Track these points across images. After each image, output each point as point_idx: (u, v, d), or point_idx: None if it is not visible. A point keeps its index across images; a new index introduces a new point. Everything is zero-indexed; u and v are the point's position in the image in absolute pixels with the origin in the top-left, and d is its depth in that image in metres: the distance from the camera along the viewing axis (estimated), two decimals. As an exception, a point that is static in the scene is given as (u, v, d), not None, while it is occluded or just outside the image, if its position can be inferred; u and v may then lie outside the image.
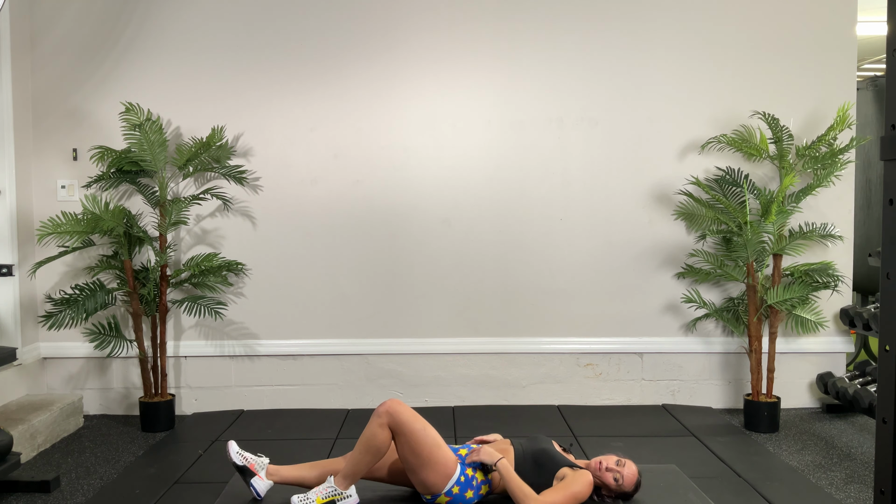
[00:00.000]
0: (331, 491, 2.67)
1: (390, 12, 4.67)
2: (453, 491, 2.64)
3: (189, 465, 3.78)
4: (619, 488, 2.71)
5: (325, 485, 2.69)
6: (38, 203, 4.62)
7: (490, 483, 2.73)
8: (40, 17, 4.61)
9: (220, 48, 4.65)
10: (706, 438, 4.12)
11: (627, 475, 2.71)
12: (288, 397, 4.78)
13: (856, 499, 3.36)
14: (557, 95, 4.71)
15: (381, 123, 4.70)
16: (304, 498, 2.64)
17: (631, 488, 2.73)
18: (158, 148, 4.30)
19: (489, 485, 2.73)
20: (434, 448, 2.64)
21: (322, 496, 2.66)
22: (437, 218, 4.74)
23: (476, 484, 2.69)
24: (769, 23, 4.69)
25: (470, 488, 2.67)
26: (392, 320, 4.78)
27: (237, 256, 4.68)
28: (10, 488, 3.48)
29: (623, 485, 2.70)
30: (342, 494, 2.68)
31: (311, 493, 2.66)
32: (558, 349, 4.79)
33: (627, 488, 2.72)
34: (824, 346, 4.79)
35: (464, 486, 2.66)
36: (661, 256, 4.76)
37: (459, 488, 2.65)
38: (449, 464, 2.65)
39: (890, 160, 1.55)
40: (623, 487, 2.71)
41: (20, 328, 4.45)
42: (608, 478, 2.70)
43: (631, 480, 2.72)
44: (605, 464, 2.72)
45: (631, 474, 2.72)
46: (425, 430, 2.64)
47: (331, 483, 2.69)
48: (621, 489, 2.71)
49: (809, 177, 4.57)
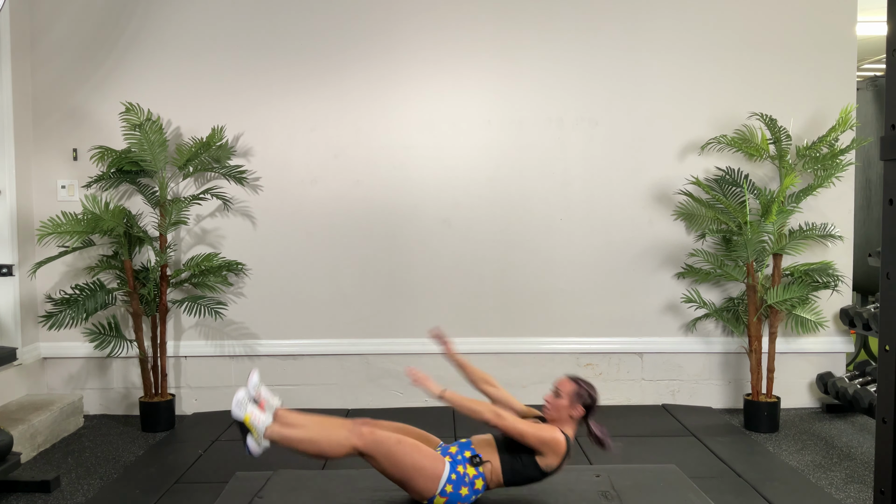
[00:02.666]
0: (260, 426, 2.63)
1: (390, 12, 4.67)
2: (447, 490, 2.61)
3: (189, 465, 3.78)
4: (574, 405, 2.70)
5: (266, 418, 2.66)
6: (38, 203, 4.62)
7: (483, 476, 2.68)
8: (40, 17, 4.61)
9: (221, 48, 4.65)
10: (706, 438, 4.12)
11: (561, 385, 2.73)
12: (288, 397, 4.77)
13: (856, 499, 3.36)
14: (557, 95, 4.71)
15: (381, 123, 4.70)
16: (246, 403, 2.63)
17: (571, 392, 2.71)
18: (158, 148, 4.30)
19: (483, 478, 2.68)
20: (414, 456, 2.60)
21: (254, 418, 2.63)
22: (437, 218, 4.74)
23: (469, 480, 2.64)
24: (769, 23, 4.69)
25: (463, 485, 2.63)
26: (392, 320, 4.77)
27: (237, 256, 4.68)
28: (10, 488, 3.48)
29: (561, 393, 2.70)
30: (259, 438, 2.64)
31: (254, 407, 2.64)
32: (558, 349, 4.79)
33: (567, 396, 2.70)
34: (824, 346, 4.79)
35: (457, 484, 2.62)
36: (661, 256, 4.76)
37: (452, 487, 2.62)
38: (436, 465, 2.61)
39: (890, 160, 1.55)
40: (568, 401, 2.70)
41: (20, 328, 4.45)
42: (554, 402, 2.71)
43: (567, 385, 2.72)
44: (547, 400, 2.74)
45: (563, 383, 2.73)
46: (400, 444, 2.60)
47: (270, 422, 2.65)
48: (574, 404, 2.70)
49: (810, 177, 4.57)
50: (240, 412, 2.65)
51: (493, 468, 2.68)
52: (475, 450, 2.71)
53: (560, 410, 2.73)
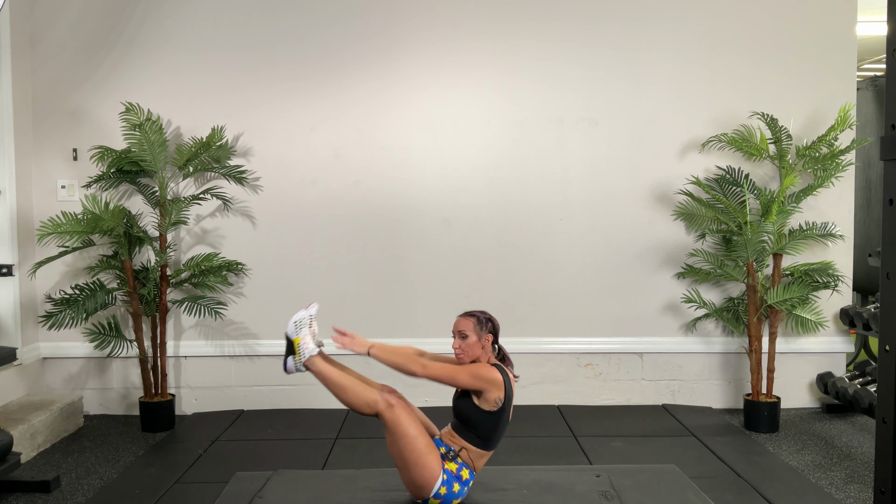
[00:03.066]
0: (307, 352, 2.74)
1: (390, 12, 4.67)
2: (441, 492, 2.66)
3: (189, 465, 3.78)
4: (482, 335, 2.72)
5: (313, 348, 2.76)
6: (38, 203, 4.62)
7: (465, 465, 2.71)
8: (40, 17, 4.61)
9: (221, 48, 4.65)
10: (706, 438, 4.12)
11: (458, 325, 2.77)
12: (288, 397, 4.78)
13: (856, 499, 3.36)
14: (557, 95, 4.71)
15: (381, 123, 4.70)
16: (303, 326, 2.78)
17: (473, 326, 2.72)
18: (158, 148, 4.30)
19: (465, 467, 2.71)
20: (422, 454, 2.63)
21: (303, 343, 2.75)
22: (437, 218, 4.74)
23: (456, 474, 2.69)
24: (769, 23, 4.69)
25: (454, 481, 2.68)
26: (392, 320, 4.77)
27: (237, 256, 4.68)
28: (10, 488, 3.48)
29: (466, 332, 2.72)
30: (300, 363, 2.75)
31: (307, 332, 2.78)
32: (558, 349, 4.79)
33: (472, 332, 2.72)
34: (824, 346, 4.78)
35: (448, 483, 2.67)
36: (661, 256, 4.76)
37: (446, 487, 2.66)
38: (435, 470, 2.65)
39: (890, 160, 1.55)
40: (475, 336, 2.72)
41: (20, 328, 4.45)
42: (462, 344, 2.74)
43: (464, 323, 2.74)
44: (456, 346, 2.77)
45: (459, 323, 2.77)
46: (416, 438, 2.64)
47: (315, 353, 2.75)
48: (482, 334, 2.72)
49: (810, 177, 4.57)
50: (295, 332, 2.76)
51: (468, 450, 2.71)
52: (447, 445, 2.73)
53: (473, 348, 2.74)
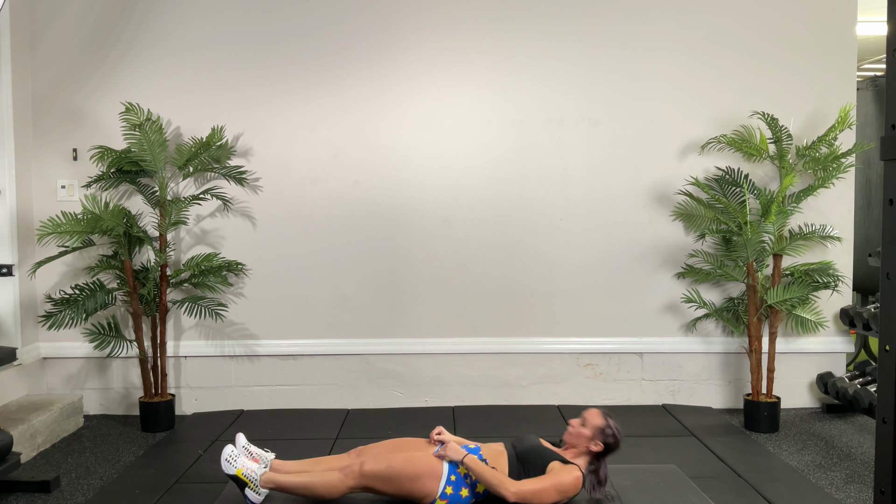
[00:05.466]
0: (254, 475, 2.70)
1: (390, 12, 4.67)
2: (447, 492, 2.63)
3: (189, 465, 3.78)
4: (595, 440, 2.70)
5: (259, 466, 2.74)
6: (38, 203, 4.62)
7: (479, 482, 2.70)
8: (40, 17, 4.61)
9: (220, 48, 4.65)
10: (706, 438, 4.12)
11: (589, 415, 2.75)
12: (288, 397, 4.78)
13: (856, 499, 3.36)
14: (557, 95, 4.71)
15: (381, 123, 4.70)
16: (236, 457, 2.72)
17: (600, 425, 2.71)
18: (158, 148, 4.30)
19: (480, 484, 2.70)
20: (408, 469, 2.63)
21: (246, 470, 2.70)
22: (437, 218, 4.74)
23: (470, 481, 2.67)
24: (769, 22, 4.69)
25: (464, 486, 2.65)
26: (392, 320, 4.77)
27: (237, 256, 4.68)
28: (10, 488, 3.48)
29: (587, 424, 2.72)
30: (257, 488, 2.70)
31: (244, 460, 2.73)
32: (558, 349, 4.79)
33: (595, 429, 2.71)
34: (824, 346, 4.78)
35: (457, 485, 2.65)
36: (661, 256, 4.76)
37: (453, 488, 2.64)
38: (433, 468, 2.64)
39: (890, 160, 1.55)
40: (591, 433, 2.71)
41: (20, 328, 4.45)
42: (578, 430, 2.72)
43: (595, 418, 2.73)
44: (572, 425, 2.75)
45: (592, 414, 2.75)
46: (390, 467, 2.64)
47: (264, 470, 2.73)
48: (596, 440, 2.70)
49: (810, 177, 4.57)
50: (230, 467, 2.72)
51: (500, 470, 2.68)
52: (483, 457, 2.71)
53: (580, 439, 2.74)
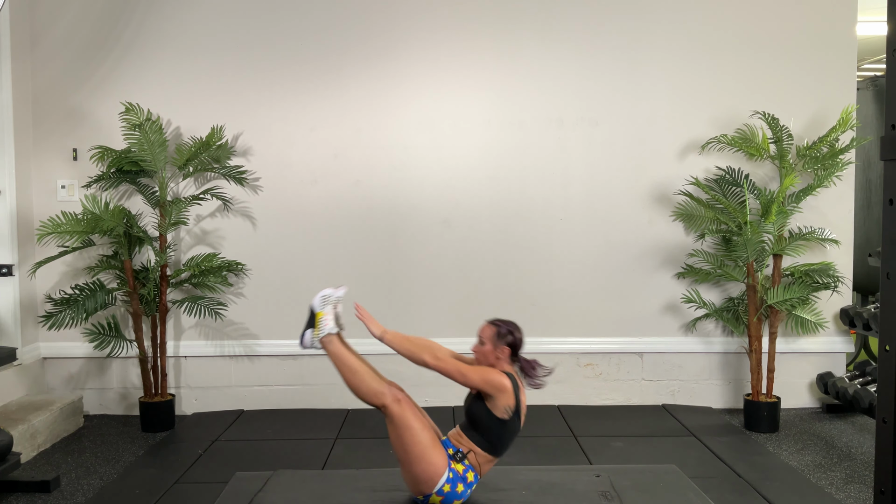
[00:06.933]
0: (326, 329, 2.83)
1: (390, 12, 4.67)
2: (444, 489, 2.65)
3: (189, 465, 3.78)
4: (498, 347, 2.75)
5: (333, 327, 2.85)
6: (38, 203, 4.62)
7: (472, 468, 2.71)
8: (40, 17, 4.61)
9: (220, 48, 4.65)
10: (706, 438, 4.12)
11: (481, 332, 2.80)
12: (288, 397, 4.78)
13: (856, 499, 3.36)
14: (557, 95, 4.71)
15: (381, 123, 4.70)
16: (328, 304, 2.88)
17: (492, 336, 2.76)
18: (158, 148, 4.30)
19: (472, 469, 2.71)
20: (426, 449, 2.64)
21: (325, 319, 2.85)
22: (437, 218, 4.74)
23: (462, 475, 2.69)
24: (769, 22, 4.69)
25: (459, 482, 2.67)
26: (392, 320, 4.74)
27: (237, 256, 4.68)
28: (10, 488, 3.48)
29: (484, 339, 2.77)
30: (318, 337, 2.85)
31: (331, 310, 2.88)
32: (558, 349, 4.78)
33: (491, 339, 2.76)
34: (824, 346, 4.78)
35: (453, 482, 2.66)
36: (660, 256, 4.76)
37: (450, 486, 2.66)
38: (439, 467, 2.65)
39: (890, 160, 1.55)
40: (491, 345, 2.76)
41: (20, 328, 4.45)
42: (480, 349, 2.77)
43: (486, 331, 2.78)
44: (474, 350, 2.80)
45: (483, 329, 2.80)
46: (420, 432, 2.65)
47: (334, 332, 2.85)
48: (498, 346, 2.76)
49: (810, 177, 4.57)
50: (320, 305, 2.86)
51: (476, 453, 2.70)
52: (455, 446, 2.73)
53: (487, 356, 2.78)
